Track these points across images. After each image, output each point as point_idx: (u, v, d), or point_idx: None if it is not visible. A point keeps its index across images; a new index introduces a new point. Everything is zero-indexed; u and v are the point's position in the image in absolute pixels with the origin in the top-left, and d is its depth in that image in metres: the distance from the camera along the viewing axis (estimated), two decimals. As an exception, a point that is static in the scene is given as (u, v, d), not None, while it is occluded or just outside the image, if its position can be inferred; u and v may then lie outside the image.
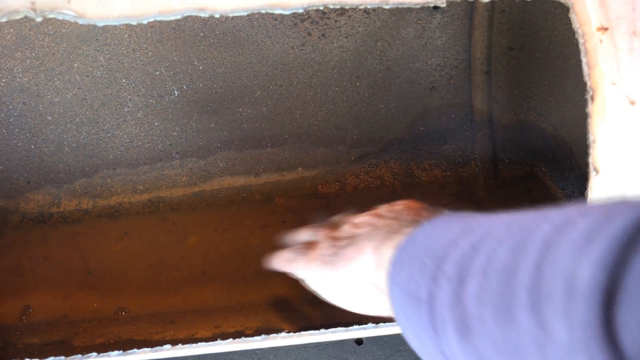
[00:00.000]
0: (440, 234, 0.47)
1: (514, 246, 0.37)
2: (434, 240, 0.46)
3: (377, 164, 0.96)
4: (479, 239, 0.41)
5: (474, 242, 0.41)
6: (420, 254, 0.46)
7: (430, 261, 0.44)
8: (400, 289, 0.47)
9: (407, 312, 0.46)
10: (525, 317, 0.34)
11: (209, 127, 0.92)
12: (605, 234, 0.32)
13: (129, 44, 0.85)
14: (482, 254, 0.39)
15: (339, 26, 0.88)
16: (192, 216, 0.92)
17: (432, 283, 0.42)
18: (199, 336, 0.77)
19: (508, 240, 0.38)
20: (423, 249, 0.46)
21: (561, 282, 0.33)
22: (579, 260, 0.32)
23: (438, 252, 0.44)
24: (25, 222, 0.89)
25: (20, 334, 0.80)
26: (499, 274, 0.37)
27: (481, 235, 0.41)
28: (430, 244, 0.46)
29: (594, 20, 0.56)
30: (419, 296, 0.44)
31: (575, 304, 0.31)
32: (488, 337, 0.37)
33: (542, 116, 0.88)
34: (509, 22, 0.88)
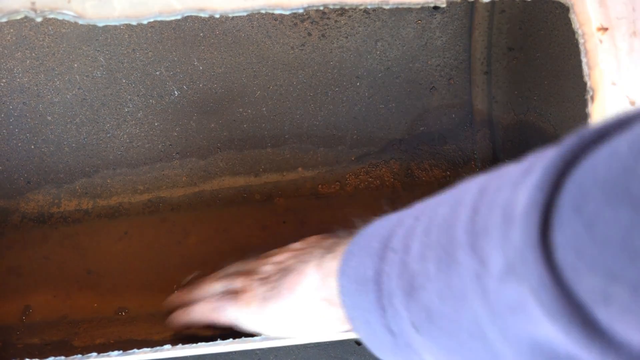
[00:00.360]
0: (386, 221, 0.47)
1: (452, 202, 0.38)
2: (381, 227, 0.46)
3: (377, 164, 0.96)
4: (421, 209, 0.42)
5: (416, 214, 0.42)
6: (368, 242, 0.46)
7: (377, 244, 0.44)
8: (348, 279, 0.47)
9: (355, 302, 0.46)
10: (465, 256, 0.35)
11: (209, 127, 0.92)
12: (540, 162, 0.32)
13: (129, 44, 0.85)
14: (424, 218, 0.40)
15: (339, 26, 0.88)
16: (192, 216, 0.92)
17: (378, 260, 0.43)
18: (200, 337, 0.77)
19: (448, 200, 0.39)
20: (370, 237, 0.46)
21: (499, 213, 0.33)
22: (516, 190, 0.32)
23: (384, 234, 0.44)
24: (25, 222, 0.89)
25: (20, 334, 0.80)
26: (438, 227, 0.38)
27: (423, 207, 0.42)
28: (377, 232, 0.46)
29: (594, 20, 0.56)
30: (365, 277, 0.44)
31: (511, 229, 0.31)
32: (433, 288, 0.37)
33: (542, 116, 0.88)
34: (509, 22, 0.88)
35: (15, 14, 0.49)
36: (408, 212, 0.45)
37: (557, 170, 0.30)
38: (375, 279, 0.43)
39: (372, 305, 0.43)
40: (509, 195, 0.33)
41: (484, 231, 0.34)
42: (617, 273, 0.26)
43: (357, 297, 0.45)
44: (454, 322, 0.37)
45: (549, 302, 0.28)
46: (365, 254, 0.45)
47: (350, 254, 0.48)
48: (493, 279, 0.32)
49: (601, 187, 0.27)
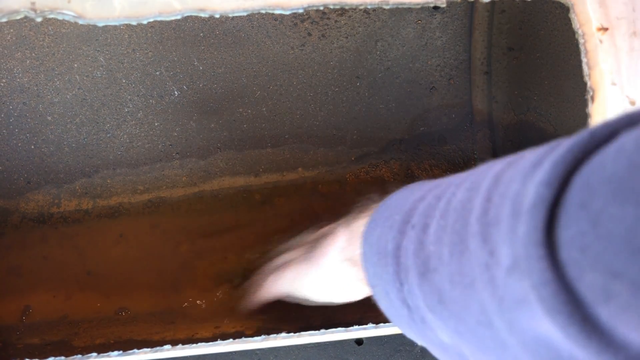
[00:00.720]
0: (410, 193, 0.48)
1: (469, 187, 0.38)
2: (405, 200, 0.47)
3: (377, 164, 0.96)
4: (443, 189, 0.42)
5: (438, 193, 0.42)
6: (391, 214, 0.47)
7: (398, 217, 0.45)
8: (370, 249, 0.48)
9: (376, 271, 0.47)
10: (477, 245, 0.35)
11: (209, 127, 0.92)
12: (551, 156, 0.32)
13: (129, 44, 0.85)
14: (444, 199, 0.41)
15: (339, 26, 0.88)
16: (192, 216, 0.92)
17: (399, 235, 0.44)
18: (199, 336, 0.77)
19: (466, 183, 0.39)
20: (394, 209, 0.47)
21: (509, 205, 0.33)
22: (525, 183, 0.32)
23: (406, 208, 0.45)
24: (25, 222, 0.89)
25: (20, 334, 0.80)
26: (455, 212, 0.38)
27: (446, 186, 0.43)
28: (400, 204, 0.47)
29: (594, 20, 0.56)
30: (386, 250, 0.45)
31: (519, 223, 0.31)
32: (445, 272, 0.38)
33: (543, 116, 0.88)
34: (509, 22, 0.88)
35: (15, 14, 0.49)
36: (431, 186, 0.45)
37: (566, 166, 0.30)
38: (394, 253, 0.44)
39: (391, 277, 0.44)
40: (519, 187, 0.33)
41: (495, 222, 0.34)
42: (619, 270, 0.26)
43: (378, 267, 0.46)
44: (463, 307, 0.37)
45: (549, 299, 0.29)
46: (387, 226, 0.46)
47: (374, 223, 0.49)
48: (501, 271, 0.33)
49: (607, 184, 0.27)
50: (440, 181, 0.46)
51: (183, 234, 0.90)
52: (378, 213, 0.50)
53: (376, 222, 0.49)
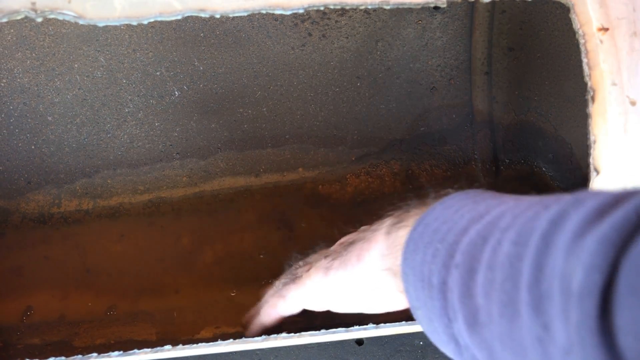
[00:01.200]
0: (451, 217, 0.46)
1: (516, 240, 0.37)
2: (446, 225, 0.46)
3: (377, 164, 0.96)
4: (486, 227, 0.41)
5: (482, 231, 0.41)
6: (432, 239, 0.46)
7: (442, 247, 0.44)
8: (413, 273, 0.47)
9: (419, 296, 0.46)
10: (528, 316, 0.34)
11: (210, 127, 0.92)
12: (595, 232, 0.31)
13: (129, 45, 0.85)
14: (489, 246, 0.40)
15: (340, 26, 0.88)
16: (193, 216, 0.92)
17: (444, 270, 0.43)
18: (200, 336, 0.77)
19: (511, 231, 0.38)
20: (435, 234, 0.46)
21: (557, 283, 0.32)
22: (570, 261, 0.32)
23: (449, 239, 0.44)
24: (25, 223, 0.89)
25: (20, 335, 0.80)
26: (503, 268, 0.37)
27: (489, 223, 0.42)
28: (442, 229, 0.46)
29: (595, 20, 0.56)
30: (431, 282, 0.44)
31: (570, 306, 0.31)
32: (496, 331, 0.38)
33: (543, 116, 0.88)
34: (510, 22, 0.88)
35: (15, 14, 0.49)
36: (473, 218, 0.43)
37: (614, 247, 0.29)
38: (440, 288, 0.43)
39: (438, 312, 0.43)
40: (564, 264, 0.32)
41: (547, 295, 0.33)
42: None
43: (422, 295, 0.45)
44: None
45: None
46: (430, 254, 0.45)
47: (414, 244, 0.47)
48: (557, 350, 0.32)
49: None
50: (481, 208, 0.44)
51: (184, 234, 0.90)
52: (417, 233, 0.48)
53: (416, 243, 0.47)
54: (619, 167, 0.58)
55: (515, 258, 0.37)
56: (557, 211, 0.36)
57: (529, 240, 0.36)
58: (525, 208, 0.40)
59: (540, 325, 0.33)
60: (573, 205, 0.35)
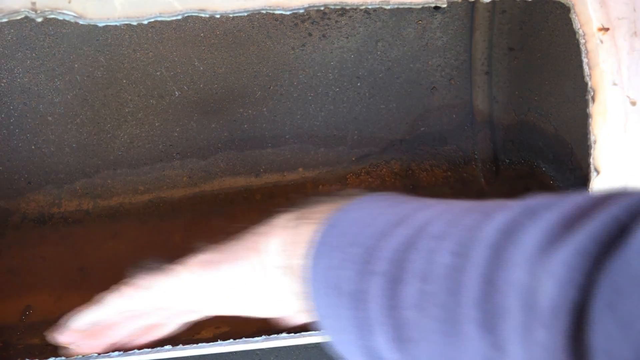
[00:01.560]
0: (362, 220, 0.42)
1: (456, 250, 0.34)
2: (356, 227, 0.41)
3: (377, 165, 0.96)
4: (414, 233, 0.38)
5: (408, 238, 0.38)
6: (340, 242, 0.41)
7: (354, 252, 0.39)
8: (324, 279, 0.42)
9: (329, 303, 0.41)
10: (475, 334, 0.32)
11: (210, 127, 0.92)
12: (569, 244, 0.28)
13: (129, 45, 0.85)
14: (420, 254, 0.36)
15: (340, 26, 0.88)
16: (193, 217, 0.92)
17: (359, 277, 0.38)
18: (200, 337, 0.77)
19: (448, 240, 0.35)
20: (342, 236, 0.41)
21: (517, 298, 0.30)
22: (536, 274, 0.29)
23: (364, 243, 0.39)
24: (25, 223, 0.89)
25: (20, 335, 0.80)
26: (441, 282, 0.34)
27: (416, 230, 0.38)
28: (351, 232, 0.41)
29: (595, 20, 0.56)
30: (341, 289, 0.39)
31: (536, 324, 0.28)
32: (428, 348, 0.35)
33: (543, 117, 0.88)
34: (510, 22, 0.88)
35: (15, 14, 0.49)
36: (394, 222, 0.39)
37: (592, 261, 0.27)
38: (355, 297, 0.38)
39: (350, 321, 0.39)
40: (528, 278, 0.29)
41: (501, 312, 0.30)
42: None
43: (331, 299, 0.41)
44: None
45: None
46: (341, 258, 0.40)
47: (323, 245, 0.42)
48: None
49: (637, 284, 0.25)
50: (403, 210, 0.40)
51: (184, 234, 0.90)
52: (323, 234, 0.43)
53: (325, 245, 0.42)
54: (619, 167, 0.58)
55: (455, 270, 0.34)
56: (506, 221, 0.33)
57: (473, 251, 0.33)
58: (460, 214, 0.37)
59: (490, 345, 0.31)
60: (526, 215, 0.32)
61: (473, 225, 0.35)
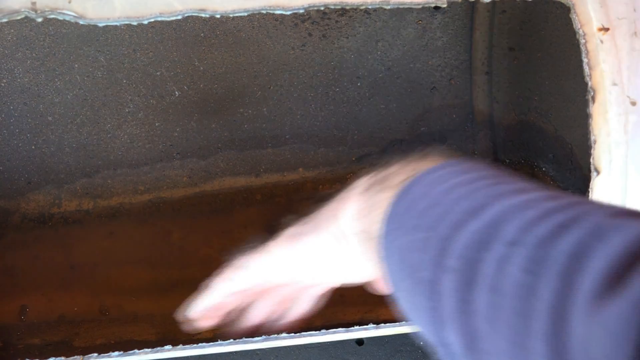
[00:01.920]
0: (442, 199, 0.41)
1: (527, 266, 0.33)
2: (436, 208, 0.41)
3: (377, 164, 0.96)
4: (486, 229, 0.37)
5: (480, 233, 0.37)
6: (420, 223, 0.41)
7: (433, 238, 0.39)
8: (399, 253, 0.42)
9: (404, 282, 0.41)
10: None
11: (210, 127, 0.92)
12: (624, 295, 0.28)
13: (129, 45, 0.85)
14: (491, 257, 0.35)
15: (340, 26, 0.88)
16: (193, 217, 0.92)
17: (435, 269, 0.38)
18: (200, 337, 0.77)
19: (520, 251, 0.34)
20: (423, 216, 0.41)
21: (579, 349, 0.29)
22: (592, 328, 0.29)
23: (442, 231, 0.39)
24: (25, 223, 0.89)
25: (21, 335, 0.80)
26: (512, 300, 0.33)
27: (489, 225, 0.37)
28: (432, 213, 0.40)
29: (595, 20, 0.56)
30: (421, 275, 0.39)
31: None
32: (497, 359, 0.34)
33: (543, 116, 0.88)
34: (510, 22, 0.88)
35: (15, 14, 0.49)
36: (470, 210, 0.38)
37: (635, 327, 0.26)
38: (431, 288, 0.38)
39: (424, 306, 0.39)
40: (584, 330, 0.29)
41: (566, 356, 0.30)
42: None
43: (407, 281, 0.41)
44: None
45: None
46: (420, 240, 0.40)
47: (396, 221, 0.42)
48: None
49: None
50: (478, 197, 0.39)
51: (184, 234, 0.90)
52: (402, 208, 0.42)
53: (401, 221, 0.42)
54: (619, 167, 0.58)
55: (527, 291, 0.33)
56: (577, 242, 0.32)
57: (544, 272, 0.32)
58: (536, 216, 0.36)
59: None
60: (595, 237, 0.31)
61: (545, 238, 0.33)
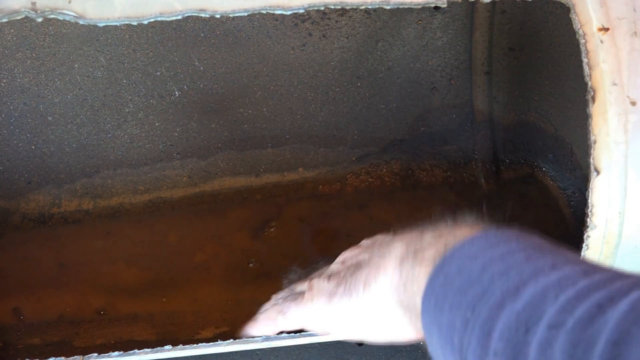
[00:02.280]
0: (478, 277, 0.42)
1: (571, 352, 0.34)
2: (474, 288, 0.42)
3: (377, 164, 0.96)
4: (526, 310, 0.38)
5: (521, 316, 0.38)
6: (459, 302, 0.42)
7: (474, 320, 0.40)
8: (439, 332, 0.43)
9: (446, 357, 0.43)
10: None
11: (210, 127, 0.92)
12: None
13: (129, 45, 0.85)
14: (534, 341, 0.36)
15: (340, 27, 0.88)
16: (193, 217, 0.92)
17: (481, 352, 0.39)
18: (200, 337, 0.77)
19: (562, 335, 0.35)
20: (461, 295, 0.42)
21: None
22: None
23: (483, 313, 0.40)
24: (25, 223, 0.89)
25: (20, 335, 0.80)
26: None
27: (529, 306, 0.38)
28: (470, 292, 0.42)
29: (595, 20, 0.56)
30: (464, 356, 0.41)
31: None
32: None
33: (543, 116, 0.88)
34: (510, 22, 0.88)
35: (15, 15, 0.49)
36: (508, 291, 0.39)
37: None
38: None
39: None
40: None
41: None
42: None
43: (449, 356, 0.42)
44: None
45: None
46: (460, 321, 0.41)
47: (436, 299, 0.44)
48: None
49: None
50: (514, 277, 0.40)
51: (184, 234, 0.90)
52: (439, 285, 0.44)
53: (439, 299, 0.43)
54: (619, 167, 0.58)
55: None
56: (618, 326, 0.33)
57: (585, 356, 0.33)
58: (572, 294, 0.36)
59: None
60: (634, 321, 0.32)
61: (586, 321, 0.34)
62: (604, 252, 0.60)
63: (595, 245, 0.59)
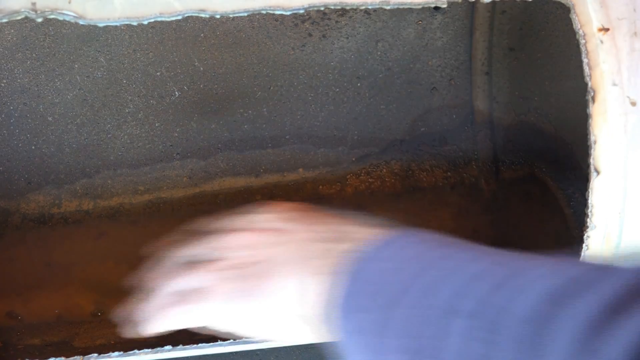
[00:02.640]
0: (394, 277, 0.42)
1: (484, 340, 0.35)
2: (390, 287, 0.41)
3: (377, 165, 0.96)
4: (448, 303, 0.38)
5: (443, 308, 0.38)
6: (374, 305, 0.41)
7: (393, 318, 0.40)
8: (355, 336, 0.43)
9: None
10: None
11: (210, 127, 0.92)
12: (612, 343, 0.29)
13: (129, 45, 0.85)
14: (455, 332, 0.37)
15: (340, 27, 0.88)
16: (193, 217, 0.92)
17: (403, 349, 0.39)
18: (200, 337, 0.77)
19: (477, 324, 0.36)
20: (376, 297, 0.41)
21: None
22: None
23: (404, 313, 0.40)
24: (25, 223, 0.89)
25: (20, 335, 0.80)
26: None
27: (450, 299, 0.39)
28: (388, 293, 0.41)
29: (595, 21, 0.56)
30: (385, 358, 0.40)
31: None
32: None
33: (543, 117, 0.88)
34: (510, 22, 0.88)
35: (15, 15, 0.49)
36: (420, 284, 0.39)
37: None
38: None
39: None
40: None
41: None
42: None
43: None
44: None
45: None
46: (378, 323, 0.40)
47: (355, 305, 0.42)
48: None
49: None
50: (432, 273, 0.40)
51: (184, 235, 0.90)
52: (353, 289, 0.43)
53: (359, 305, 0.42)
54: (619, 168, 0.58)
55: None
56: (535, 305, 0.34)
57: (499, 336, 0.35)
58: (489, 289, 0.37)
59: None
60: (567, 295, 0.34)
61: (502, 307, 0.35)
62: (604, 252, 0.60)
63: (595, 245, 0.59)
